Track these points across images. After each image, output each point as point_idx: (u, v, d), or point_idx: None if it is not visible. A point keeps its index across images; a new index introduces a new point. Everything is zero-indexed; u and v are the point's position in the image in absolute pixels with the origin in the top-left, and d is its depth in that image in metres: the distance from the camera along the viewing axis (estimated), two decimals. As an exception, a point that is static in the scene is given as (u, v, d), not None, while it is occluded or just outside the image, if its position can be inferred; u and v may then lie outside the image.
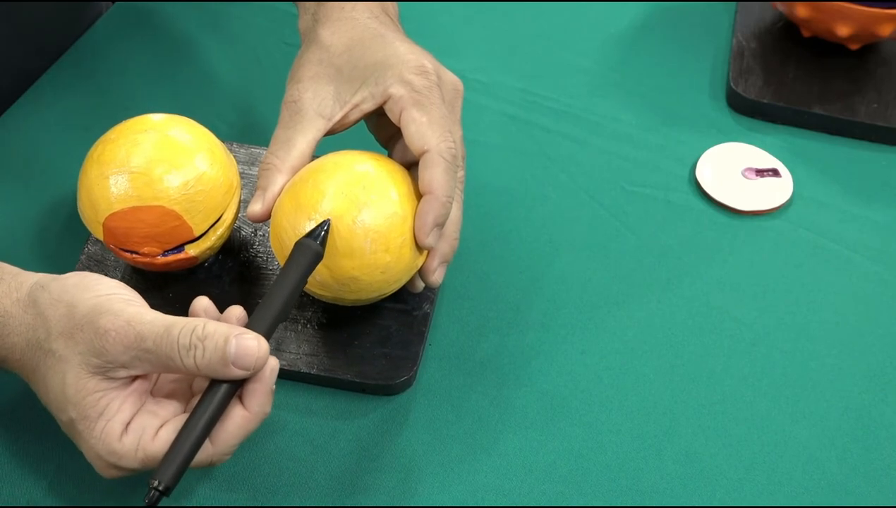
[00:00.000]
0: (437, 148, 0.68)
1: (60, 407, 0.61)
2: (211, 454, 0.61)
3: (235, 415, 0.61)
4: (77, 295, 0.62)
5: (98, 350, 0.59)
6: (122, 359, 0.60)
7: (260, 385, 0.61)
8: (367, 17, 0.74)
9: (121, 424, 0.60)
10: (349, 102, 0.72)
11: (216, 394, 0.61)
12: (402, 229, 0.68)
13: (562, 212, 0.85)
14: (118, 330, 0.59)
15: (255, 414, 0.62)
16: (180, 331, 0.59)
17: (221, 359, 0.59)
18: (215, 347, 0.59)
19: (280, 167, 0.70)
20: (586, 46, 0.99)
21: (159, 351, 0.59)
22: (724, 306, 0.79)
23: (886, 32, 0.91)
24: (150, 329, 0.60)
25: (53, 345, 0.61)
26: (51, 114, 0.89)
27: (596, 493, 0.69)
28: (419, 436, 0.71)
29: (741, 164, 0.88)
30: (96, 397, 0.60)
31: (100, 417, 0.60)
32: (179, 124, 0.73)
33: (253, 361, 0.60)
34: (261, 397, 0.61)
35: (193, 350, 0.59)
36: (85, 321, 0.60)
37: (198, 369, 0.60)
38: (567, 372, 0.75)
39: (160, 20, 0.98)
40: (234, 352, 0.59)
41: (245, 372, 0.60)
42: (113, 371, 0.60)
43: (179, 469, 0.59)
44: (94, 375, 0.60)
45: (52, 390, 0.61)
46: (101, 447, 0.60)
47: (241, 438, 0.62)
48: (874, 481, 0.70)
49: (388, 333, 0.74)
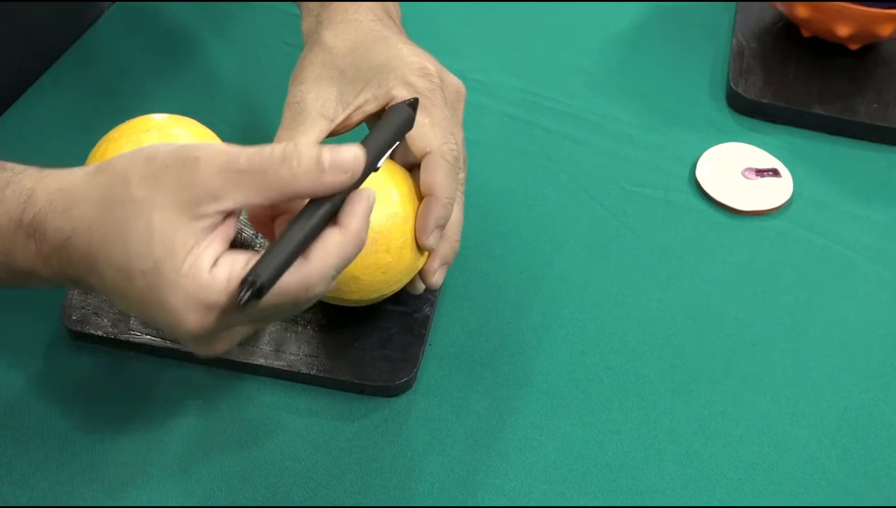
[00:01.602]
0: (439, 150, 0.68)
1: (143, 250, 0.57)
2: (307, 273, 0.58)
3: (332, 234, 0.58)
4: (154, 148, 0.58)
5: (187, 180, 0.56)
6: (214, 185, 0.56)
7: (359, 203, 0.59)
8: (370, 19, 0.74)
9: (210, 258, 0.56)
10: (352, 104, 0.72)
11: (315, 209, 0.58)
12: (403, 230, 0.68)
13: (562, 212, 0.85)
14: (209, 156, 0.56)
15: (353, 234, 0.59)
16: (273, 147, 0.57)
17: (317, 164, 0.57)
18: (310, 156, 0.57)
19: None
20: (586, 46, 0.99)
21: (253, 167, 0.56)
22: (724, 306, 0.79)
23: (886, 32, 0.91)
24: (242, 150, 0.57)
25: (135, 192, 0.57)
26: (51, 114, 0.89)
27: (596, 493, 0.69)
28: (419, 436, 0.71)
29: (741, 164, 0.88)
30: (185, 234, 0.56)
31: (188, 253, 0.56)
32: (182, 124, 0.73)
33: (350, 162, 0.57)
34: (359, 216, 0.59)
35: (288, 160, 0.57)
36: (171, 158, 0.57)
37: (295, 177, 0.57)
38: (567, 372, 0.75)
39: (160, 20, 0.98)
40: (328, 158, 0.57)
41: (343, 177, 0.57)
42: (203, 205, 0.56)
43: (277, 268, 0.56)
44: (182, 213, 0.56)
45: (133, 237, 0.57)
46: (190, 283, 0.56)
47: (338, 259, 0.58)
48: (874, 481, 0.70)
49: (389, 335, 0.74)
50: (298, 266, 0.57)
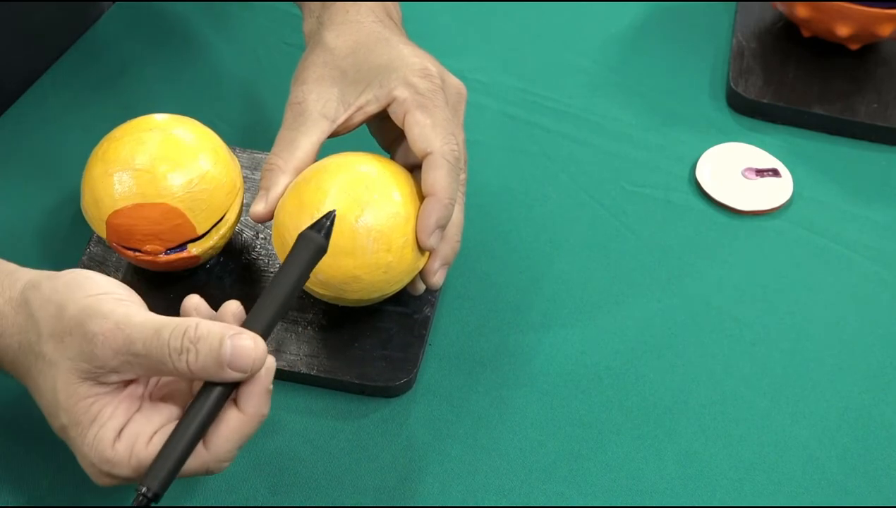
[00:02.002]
0: (441, 150, 0.68)
1: (52, 412, 0.59)
2: (206, 460, 0.59)
3: (231, 418, 0.59)
4: (67, 295, 0.59)
5: (87, 355, 0.57)
6: (112, 364, 0.57)
7: (256, 386, 0.59)
8: (371, 20, 0.74)
9: (113, 431, 0.58)
10: (353, 105, 0.72)
11: (209, 396, 0.58)
12: (404, 229, 0.68)
13: (562, 212, 0.85)
14: (106, 335, 0.57)
15: (252, 416, 0.59)
16: (171, 334, 0.57)
17: (216, 362, 0.57)
18: (209, 349, 0.57)
19: (283, 168, 0.70)
20: (586, 46, 0.99)
21: (150, 355, 0.57)
22: (724, 306, 0.79)
23: (886, 32, 0.91)
24: (140, 332, 0.57)
25: (44, 348, 0.59)
26: (51, 114, 0.89)
27: (596, 493, 0.69)
28: (419, 436, 0.71)
29: (741, 164, 0.88)
30: (88, 402, 0.58)
31: (92, 423, 0.58)
32: (184, 124, 0.73)
33: (250, 363, 0.58)
34: (257, 398, 0.59)
35: (186, 353, 0.57)
36: (74, 324, 0.58)
37: (191, 373, 0.57)
38: (567, 372, 0.75)
39: (161, 20, 0.98)
40: (229, 354, 0.57)
41: (242, 375, 0.58)
42: (104, 376, 0.58)
43: (169, 474, 0.57)
44: (84, 380, 0.58)
45: (44, 395, 0.60)
46: (94, 454, 0.58)
47: (237, 443, 0.59)
48: (874, 481, 0.70)
49: (389, 335, 0.74)
50: (198, 453, 0.59)
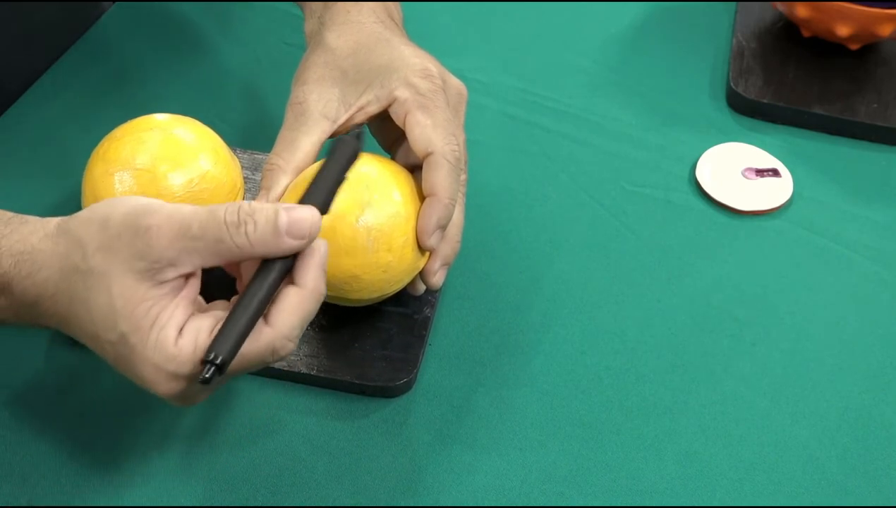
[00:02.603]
0: (441, 150, 0.68)
1: (109, 324, 0.58)
2: (272, 338, 0.58)
3: (290, 294, 0.59)
4: (108, 210, 0.59)
5: (141, 251, 0.57)
6: (169, 254, 0.57)
7: (313, 259, 0.59)
8: (372, 21, 0.74)
9: (175, 329, 0.57)
10: (354, 105, 0.72)
11: (269, 271, 0.58)
12: (404, 229, 0.68)
13: (562, 212, 0.85)
14: (160, 224, 0.57)
15: (311, 291, 0.59)
16: (226, 211, 0.57)
17: (274, 230, 0.57)
18: (266, 219, 0.57)
19: (284, 168, 0.70)
20: (586, 46, 0.99)
21: (207, 235, 0.57)
22: (724, 306, 0.79)
23: (886, 32, 0.91)
24: (194, 215, 0.57)
25: (92, 262, 0.58)
26: (52, 113, 0.89)
27: (596, 493, 0.69)
28: (419, 436, 0.71)
29: (741, 164, 0.88)
30: (147, 306, 0.57)
31: (152, 326, 0.57)
32: (184, 124, 0.73)
33: (307, 228, 0.58)
34: (315, 272, 0.59)
35: (244, 225, 0.57)
36: (123, 227, 0.57)
37: (251, 245, 0.57)
38: (567, 372, 0.75)
39: (161, 20, 0.98)
40: (285, 221, 0.57)
41: (300, 242, 0.58)
42: (160, 272, 0.57)
43: (235, 342, 0.56)
44: (141, 282, 0.57)
45: (96, 310, 0.58)
46: (158, 356, 0.57)
47: (300, 318, 0.59)
48: (874, 481, 0.70)
49: (389, 336, 0.74)
50: (261, 332, 0.58)
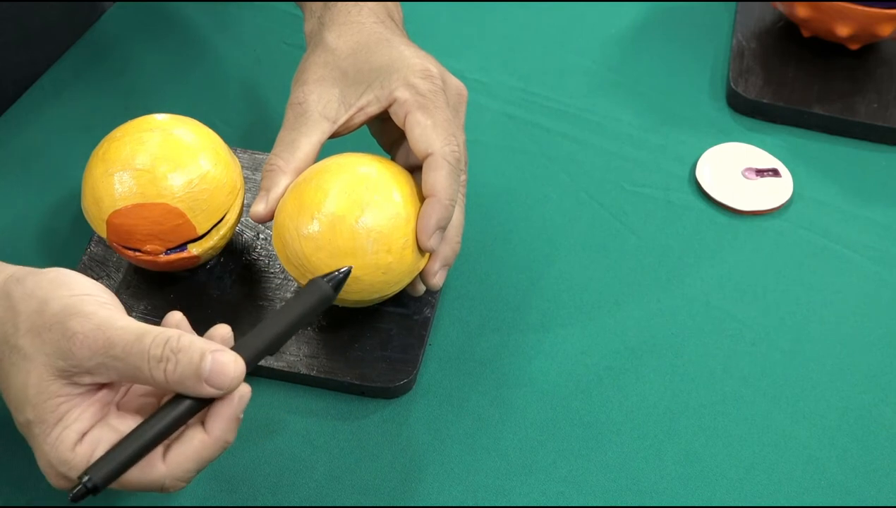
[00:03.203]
0: (441, 151, 0.68)
1: (19, 406, 0.59)
2: (164, 474, 0.58)
3: (194, 438, 0.58)
4: (51, 291, 0.59)
5: (64, 352, 0.57)
6: (88, 365, 0.57)
7: (227, 409, 0.58)
8: (372, 21, 0.74)
9: (77, 433, 0.58)
10: (354, 105, 0.72)
11: (177, 407, 0.58)
12: (404, 230, 0.68)
13: (562, 212, 0.85)
14: (86, 334, 0.57)
15: (216, 440, 0.58)
16: (152, 341, 0.57)
17: (195, 374, 0.56)
18: (189, 360, 0.56)
19: (284, 168, 0.70)
20: (586, 46, 0.99)
21: (128, 360, 0.57)
22: (724, 306, 0.79)
23: (886, 32, 0.91)
24: (121, 335, 0.57)
25: (21, 342, 0.58)
26: (52, 114, 0.89)
27: (596, 493, 0.69)
28: (419, 436, 0.71)
29: (741, 164, 0.88)
30: (57, 402, 0.58)
31: (57, 423, 0.58)
32: (184, 124, 0.73)
33: (228, 381, 0.57)
34: (225, 422, 0.58)
35: (165, 362, 0.56)
36: (54, 321, 0.58)
37: (167, 382, 0.57)
38: (567, 372, 0.75)
39: (161, 20, 0.98)
40: (209, 369, 0.56)
41: (217, 392, 0.57)
42: (78, 376, 0.58)
43: (114, 470, 0.56)
44: (57, 378, 0.58)
45: (13, 388, 0.59)
46: (54, 454, 0.58)
47: (196, 463, 0.58)
48: (874, 481, 0.70)
49: (389, 336, 0.74)
50: (154, 466, 0.58)
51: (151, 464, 0.58)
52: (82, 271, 0.76)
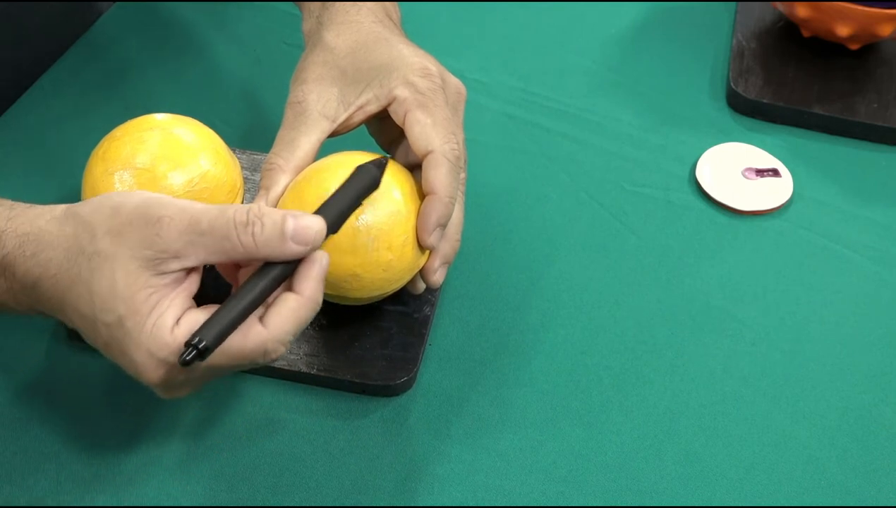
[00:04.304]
0: (441, 149, 0.68)
1: (107, 306, 0.59)
2: (265, 338, 0.60)
3: (288, 299, 0.60)
4: (120, 198, 0.60)
5: (150, 239, 0.58)
6: (176, 246, 0.58)
7: (313, 269, 0.61)
8: (371, 20, 0.74)
9: (172, 318, 0.59)
10: (353, 104, 0.72)
11: (268, 273, 0.60)
12: (404, 228, 0.68)
13: (562, 212, 0.85)
14: (172, 216, 0.58)
15: (308, 299, 0.60)
16: (235, 211, 0.59)
17: (280, 234, 0.59)
18: (273, 223, 0.59)
19: (284, 167, 0.70)
20: (586, 46, 0.99)
21: (215, 231, 0.58)
22: (724, 306, 0.79)
23: (886, 32, 0.91)
24: (204, 212, 0.59)
25: (100, 245, 0.59)
26: (51, 114, 0.89)
27: (596, 493, 0.69)
28: (419, 436, 0.71)
29: (741, 164, 0.88)
30: (148, 292, 0.58)
31: (151, 312, 0.58)
32: (184, 124, 0.73)
33: (313, 235, 0.60)
34: (314, 281, 0.61)
35: (252, 226, 0.59)
36: (135, 215, 0.59)
37: (256, 246, 0.59)
38: (567, 372, 0.75)
39: (161, 20, 0.98)
40: (292, 226, 0.59)
41: (303, 248, 0.60)
42: (165, 263, 0.58)
43: (222, 330, 0.58)
44: (145, 269, 0.58)
45: (97, 292, 0.59)
46: (153, 342, 0.58)
47: (294, 324, 0.60)
48: (874, 481, 0.70)
49: (389, 335, 0.74)
50: (255, 331, 0.59)
51: (252, 329, 0.60)
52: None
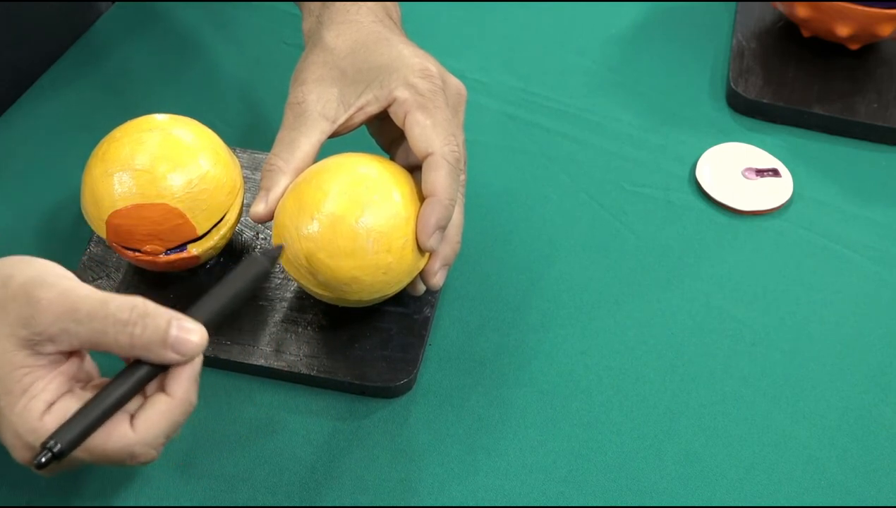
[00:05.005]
0: (441, 151, 0.68)
1: None
2: (133, 441, 0.58)
3: (159, 402, 0.58)
4: (17, 267, 0.60)
5: (27, 319, 0.57)
6: (51, 331, 0.57)
7: (187, 370, 0.59)
8: (371, 20, 0.74)
9: (44, 403, 0.58)
10: (353, 105, 0.72)
11: (137, 371, 0.58)
12: (404, 230, 0.68)
13: (562, 212, 0.85)
14: (50, 300, 0.57)
15: (181, 401, 0.59)
16: (118, 306, 0.57)
17: (161, 340, 0.57)
18: (156, 327, 0.57)
19: (284, 168, 0.70)
20: (586, 46, 0.99)
21: (92, 324, 0.57)
22: (724, 306, 0.79)
23: (886, 32, 0.91)
24: (85, 301, 0.57)
25: None
26: (51, 114, 0.89)
27: (596, 493, 0.69)
28: (419, 436, 0.71)
29: (741, 164, 0.88)
30: (22, 372, 0.58)
31: (24, 394, 0.57)
32: (184, 124, 0.73)
33: (192, 348, 0.58)
34: (186, 383, 0.59)
35: (132, 326, 0.57)
36: (19, 291, 0.58)
37: (132, 347, 0.57)
38: (567, 372, 0.75)
39: (160, 20, 0.98)
40: (175, 335, 0.58)
41: (180, 358, 0.58)
42: (41, 344, 0.58)
43: (80, 434, 0.56)
44: (21, 348, 0.58)
45: None
46: (21, 424, 0.57)
47: (165, 428, 0.59)
48: (874, 481, 0.70)
49: (389, 336, 0.74)
50: (123, 434, 0.58)
51: (120, 431, 0.58)
52: (82, 271, 0.76)
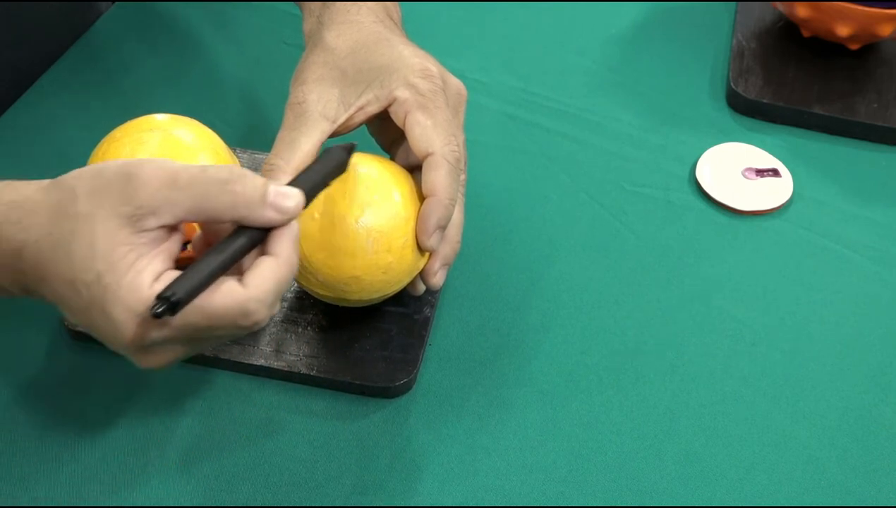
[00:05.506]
0: (441, 151, 0.68)
1: (86, 265, 0.58)
2: (245, 297, 0.58)
3: (265, 261, 0.59)
4: (103, 163, 0.60)
5: (128, 195, 0.57)
6: (154, 202, 0.57)
7: (287, 231, 0.60)
8: (371, 20, 0.74)
9: (151, 275, 0.58)
10: (354, 105, 0.72)
11: (241, 236, 0.59)
12: (404, 230, 0.68)
13: (562, 212, 0.85)
14: (149, 173, 0.58)
15: (286, 260, 0.59)
16: (216, 169, 0.58)
17: (260, 197, 0.58)
18: (255, 185, 0.58)
19: (284, 168, 0.70)
20: (586, 46, 0.99)
21: (194, 188, 0.58)
22: (724, 306, 0.79)
23: (886, 32, 0.91)
24: (185, 169, 0.58)
25: (80, 207, 0.58)
26: (51, 114, 0.89)
27: (596, 493, 0.69)
28: (419, 436, 0.71)
29: (741, 164, 0.88)
30: (126, 248, 0.57)
31: (130, 268, 0.57)
32: (184, 125, 0.73)
33: (291, 205, 0.59)
34: (288, 242, 0.60)
35: (232, 183, 0.58)
36: (114, 174, 0.58)
37: (233, 205, 0.58)
38: (567, 372, 0.75)
39: (161, 20, 0.98)
40: (273, 193, 0.59)
41: (279, 217, 0.59)
42: (142, 219, 0.58)
43: (196, 284, 0.57)
44: (123, 226, 0.58)
45: (77, 251, 0.58)
46: (131, 296, 0.57)
47: (274, 283, 0.59)
48: (874, 481, 0.70)
49: (389, 336, 0.74)
50: (235, 290, 0.58)
51: (231, 287, 0.58)
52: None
